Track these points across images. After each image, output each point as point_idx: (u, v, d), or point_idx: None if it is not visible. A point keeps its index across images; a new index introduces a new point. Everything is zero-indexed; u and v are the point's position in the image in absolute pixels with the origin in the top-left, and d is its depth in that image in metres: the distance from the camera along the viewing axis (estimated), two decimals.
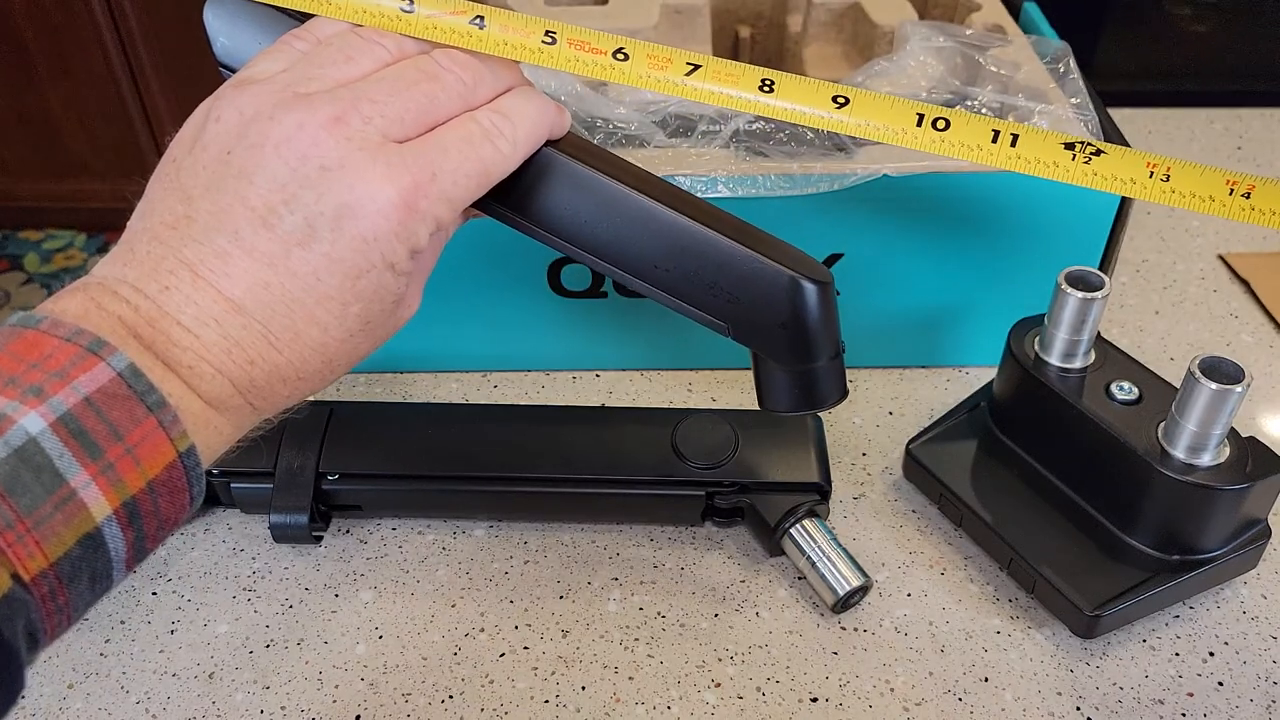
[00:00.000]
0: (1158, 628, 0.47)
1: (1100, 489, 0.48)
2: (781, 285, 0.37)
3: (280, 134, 0.30)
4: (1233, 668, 0.46)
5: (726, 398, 0.58)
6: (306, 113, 0.30)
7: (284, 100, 0.31)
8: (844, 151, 0.54)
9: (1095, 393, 0.47)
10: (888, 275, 0.56)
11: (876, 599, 0.48)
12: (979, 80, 0.58)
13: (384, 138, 0.31)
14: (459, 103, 0.33)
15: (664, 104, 0.55)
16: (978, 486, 0.50)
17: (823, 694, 0.45)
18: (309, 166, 0.30)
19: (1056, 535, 0.48)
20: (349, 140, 0.30)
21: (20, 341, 0.27)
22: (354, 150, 0.30)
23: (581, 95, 0.55)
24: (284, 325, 0.31)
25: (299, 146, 0.30)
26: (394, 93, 0.32)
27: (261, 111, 0.31)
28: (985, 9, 0.65)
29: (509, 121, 0.34)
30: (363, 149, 0.31)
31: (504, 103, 0.35)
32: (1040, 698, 0.44)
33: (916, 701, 0.44)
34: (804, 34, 0.68)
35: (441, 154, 0.32)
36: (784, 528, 0.48)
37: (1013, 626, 0.47)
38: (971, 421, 0.53)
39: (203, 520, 0.52)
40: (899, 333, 0.59)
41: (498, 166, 0.34)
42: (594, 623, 0.47)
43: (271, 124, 0.31)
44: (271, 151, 0.30)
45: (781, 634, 0.47)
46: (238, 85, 0.32)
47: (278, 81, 0.32)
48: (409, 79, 0.33)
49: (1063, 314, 0.47)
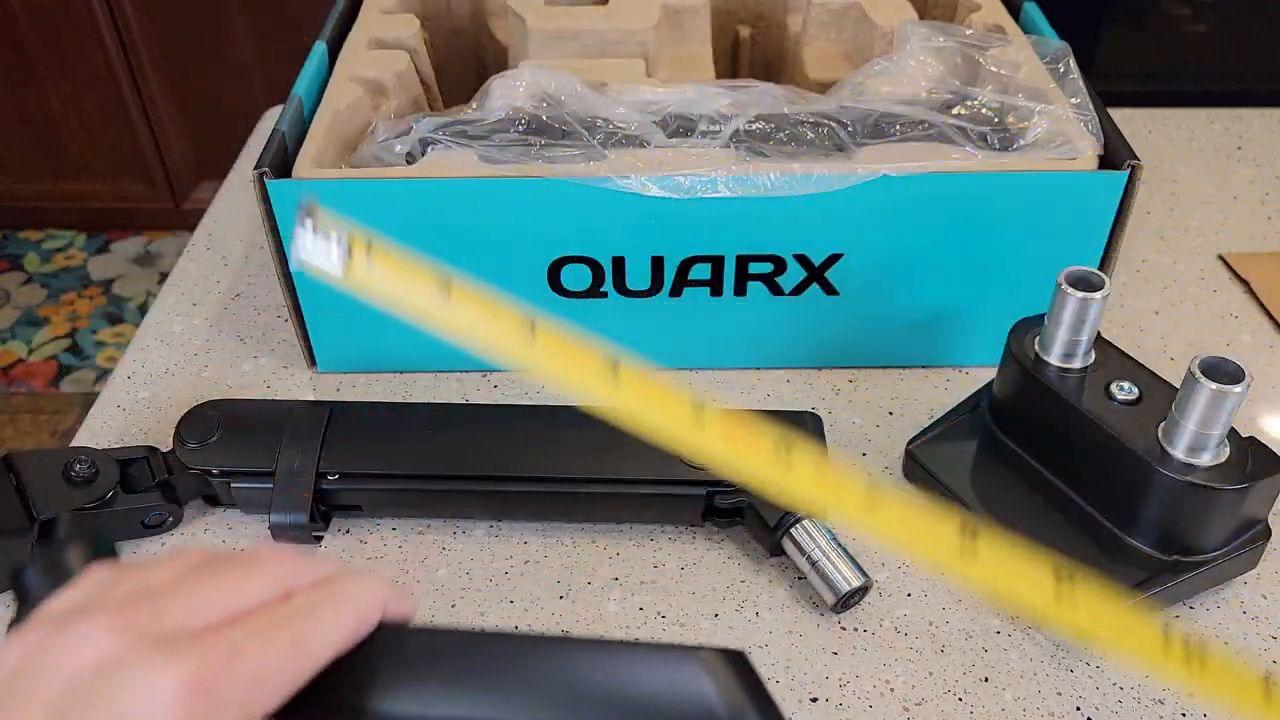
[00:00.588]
0: None
1: (1100, 489, 0.48)
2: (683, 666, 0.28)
3: (59, 650, 0.26)
4: None
5: (727, 398, 0.58)
6: (88, 624, 0.27)
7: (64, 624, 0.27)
8: (844, 151, 0.54)
9: (1095, 393, 0.47)
10: (888, 275, 0.56)
11: (876, 599, 0.48)
12: (979, 80, 0.58)
13: (175, 629, 0.27)
14: (272, 586, 0.29)
15: (664, 103, 0.55)
16: (978, 486, 0.50)
17: (823, 694, 0.45)
18: (83, 674, 0.26)
19: (1056, 535, 0.48)
20: (130, 635, 0.26)
21: None
22: (132, 644, 0.26)
23: (582, 95, 0.55)
24: None
25: (73, 657, 0.26)
26: (194, 587, 0.28)
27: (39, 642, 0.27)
28: (985, 9, 0.65)
29: (330, 598, 0.29)
30: (142, 641, 0.26)
31: (328, 583, 0.30)
32: (1040, 698, 0.44)
33: (917, 701, 0.44)
34: (803, 34, 0.68)
35: (246, 634, 0.27)
36: (784, 527, 0.48)
37: (1013, 626, 0.47)
38: (971, 422, 0.53)
39: (202, 520, 0.52)
40: (899, 333, 0.59)
41: (315, 641, 0.28)
42: (594, 623, 0.47)
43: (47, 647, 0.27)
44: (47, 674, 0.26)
45: (781, 634, 0.47)
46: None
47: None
48: (216, 573, 0.29)
49: (1063, 314, 0.47)
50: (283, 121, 0.55)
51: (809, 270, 0.55)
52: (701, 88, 0.57)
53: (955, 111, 0.56)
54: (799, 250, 0.54)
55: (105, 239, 2.03)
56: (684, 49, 0.68)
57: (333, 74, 0.61)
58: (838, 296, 0.57)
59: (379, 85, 0.61)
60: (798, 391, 0.59)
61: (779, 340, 0.59)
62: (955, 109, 0.56)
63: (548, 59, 0.63)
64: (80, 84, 1.77)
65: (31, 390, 1.74)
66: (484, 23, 0.72)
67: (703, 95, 0.56)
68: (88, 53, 1.73)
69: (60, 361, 1.78)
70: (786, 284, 0.56)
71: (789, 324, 0.58)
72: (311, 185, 0.52)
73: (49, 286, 1.93)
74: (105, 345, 1.81)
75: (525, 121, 0.55)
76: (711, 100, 0.56)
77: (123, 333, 1.83)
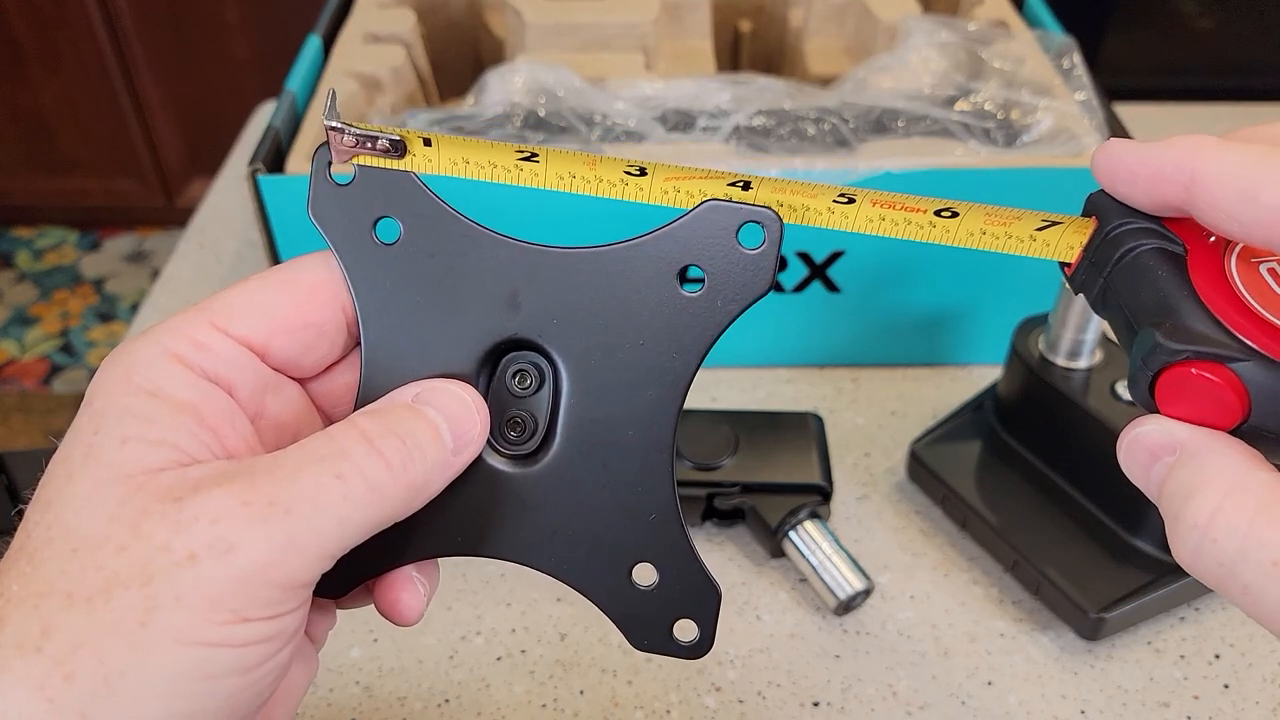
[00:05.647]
0: (1163, 630, 0.46)
1: (1105, 490, 0.47)
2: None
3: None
4: (1239, 670, 0.45)
5: (727, 398, 0.58)
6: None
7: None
8: (846, 147, 0.54)
9: (1100, 392, 0.47)
10: (890, 273, 0.55)
11: (879, 601, 0.48)
12: (982, 75, 0.58)
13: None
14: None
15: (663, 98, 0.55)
16: (982, 487, 0.49)
17: (825, 698, 0.44)
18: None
19: (1061, 537, 0.47)
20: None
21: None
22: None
23: (581, 90, 0.54)
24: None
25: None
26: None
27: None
28: (989, 3, 0.65)
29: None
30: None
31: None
32: (1044, 701, 0.44)
33: (920, 705, 0.44)
34: (805, 28, 0.68)
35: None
36: (785, 529, 0.47)
37: (1017, 629, 0.46)
38: (975, 422, 0.53)
39: None
40: (902, 331, 0.58)
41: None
42: (592, 626, 0.47)
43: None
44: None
45: (783, 637, 0.46)
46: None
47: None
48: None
49: (1068, 313, 0.47)
50: (276, 117, 0.54)
51: (811, 267, 0.55)
52: (701, 82, 0.56)
53: (958, 107, 0.55)
54: (800, 247, 0.54)
55: (97, 236, 2.02)
56: (684, 43, 0.67)
57: (327, 69, 0.60)
58: (840, 294, 0.56)
59: (374, 80, 0.60)
60: (799, 391, 0.59)
61: (780, 338, 0.58)
62: (959, 104, 0.55)
63: (545, 53, 0.62)
64: (72, 80, 1.76)
65: (23, 389, 1.73)
66: (481, 16, 0.72)
67: (703, 90, 0.56)
68: (80, 48, 1.71)
69: (52, 360, 1.77)
70: (788, 281, 0.55)
71: (790, 322, 0.57)
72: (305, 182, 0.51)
73: (41, 284, 1.92)
74: (97, 344, 1.80)
75: (522, 116, 0.55)
76: (712, 95, 0.55)
77: (115, 331, 1.82)
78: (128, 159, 1.86)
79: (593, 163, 0.26)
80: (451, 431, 0.26)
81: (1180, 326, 0.22)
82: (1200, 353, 0.21)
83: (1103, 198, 0.25)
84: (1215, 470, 0.21)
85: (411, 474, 0.24)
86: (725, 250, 0.26)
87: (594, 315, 0.27)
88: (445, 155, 0.27)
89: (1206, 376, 0.21)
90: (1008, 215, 0.26)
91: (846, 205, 0.26)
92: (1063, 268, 0.26)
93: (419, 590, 0.28)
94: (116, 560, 0.21)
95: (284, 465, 0.23)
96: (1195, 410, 0.22)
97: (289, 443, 0.24)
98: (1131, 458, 0.23)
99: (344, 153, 0.26)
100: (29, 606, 0.21)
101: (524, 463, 0.28)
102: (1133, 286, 0.23)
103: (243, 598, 0.22)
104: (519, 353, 0.27)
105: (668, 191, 0.26)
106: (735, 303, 0.27)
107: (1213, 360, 0.21)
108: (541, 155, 0.26)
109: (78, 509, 0.22)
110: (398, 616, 0.28)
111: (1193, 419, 0.22)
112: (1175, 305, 0.22)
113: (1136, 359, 0.22)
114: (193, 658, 0.21)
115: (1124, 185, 0.24)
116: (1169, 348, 0.22)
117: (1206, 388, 0.21)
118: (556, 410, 0.27)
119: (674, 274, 0.26)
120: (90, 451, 0.23)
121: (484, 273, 0.27)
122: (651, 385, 0.27)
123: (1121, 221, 0.24)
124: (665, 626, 0.28)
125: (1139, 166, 0.23)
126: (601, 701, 0.44)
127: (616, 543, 0.28)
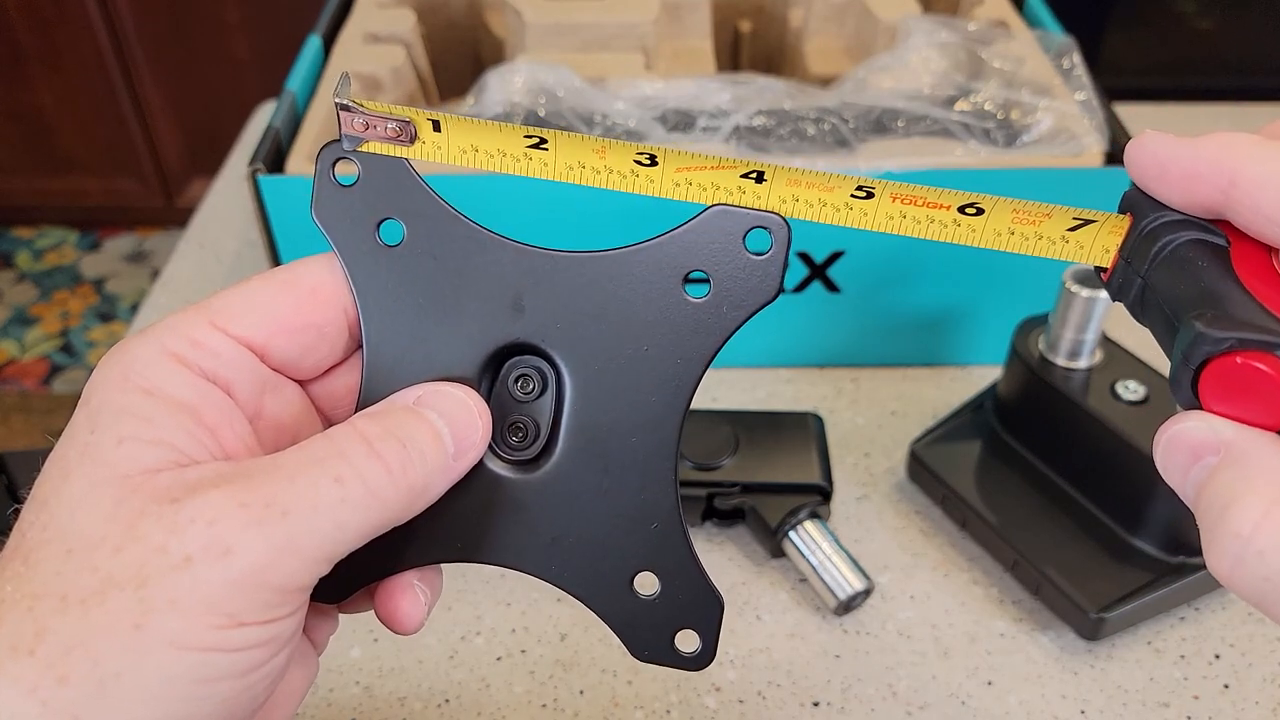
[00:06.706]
0: (1163, 630, 0.46)
1: (1106, 490, 0.47)
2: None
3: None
4: (1239, 670, 0.45)
5: (727, 398, 0.58)
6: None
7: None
8: (846, 147, 0.54)
9: (1101, 393, 0.47)
10: (890, 273, 0.55)
11: (879, 601, 0.48)
12: (982, 75, 0.58)
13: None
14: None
15: (663, 98, 0.54)
16: (982, 487, 0.49)
17: (825, 698, 0.44)
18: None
19: (1061, 537, 0.47)
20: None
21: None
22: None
23: (581, 90, 0.54)
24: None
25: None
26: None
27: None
28: (989, 3, 0.65)
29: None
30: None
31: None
32: (1044, 701, 0.44)
33: (920, 705, 0.44)
34: (805, 28, 0.68)
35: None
36: (785, 529, 0.47)
37: (1017, 629, 0.46)
38: (975, 422, 0.53)
39: None
40: (902, 331, 0.58)
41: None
42: (592, 626, 0.47)
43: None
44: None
45: (783, 637, 0.46)
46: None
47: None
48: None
49: (1068, 313, 0.47)
50: (276, 117, 0.54)
51: (811, 267, 0.55)
52: (701, 82, 0.56)
53: (958, 107, 0.55)
54: (800, 247, 0.54)
55: (97, 236, 2.02)
56: (684, 43, 0.67)
57: (327, 69, 0.60)
58: (840, 294, 0.56)
59: (374, 80, 0.60)
60: (799, 391, 0.59)
61: (780, 339, 0.58)
62: (959, 104, 0.55)
63: (545, 53, 0.62)
64: (72, 79, 1.76)
65: (23, 389, 1.73)
66: (481, 16, 0.72)
67: (703, 90, 0.55)
68: (80, 48, 1.71)
69: (52, 360, 1.77)
70: (788, 281, 0.55)
71: (790, 322, 0.57)
72: (306, 182, 0.51)
73: (41, 285, 1.92)
74: (97, 344, 1.80)
75: (522, 116, 0.55)
76: (712, 95, 0.55)
77: (115, 331, 1.82)
78: (128, 159, 1.86)
79: (602, 150, 0.26)
80: (453, 435, 0.25)
81: (1224, 315, 0.20)
82: (1247, 340, 0.19)
83: (1138, 193, 0.23)
84: (1262, 475, 0.19)
85: (411, 478, 0.24)
86: (732, 255, 0.26)
87: (598, 320, 0.26)
88: (454, 140, 0.26)
89: (1256, 366, 0.19)
90: (1037, 212, 0.24)
91: (865, 201, 0.25)
92: (1099, 273, 0.24)
93: (419, 599, 0.28)
94: (112, 562, 0.21)
95: (282, 467, 0.23)
96: (1244, 406, 0.20)
97: (288, 444, 0.24)
98: (1169, 457, 0.21)
99: (353, 134, 0.26)
100: (23, 608, 0.21)
101: (525, 468, 0.27)
102: (1172, 281, 0.21)
103: (238, 601, 0.21)
104: (522, 357, 0.27)
105: (679, 184, 0.26)
106: (741, 309, 0.26)
107: (1262, 349, 0.19)
108: (550, 140, 0.26)
109: (73, 509, 0.22)
110: (397, 625, 0.28)
111: (1240, 417, 0.20)
112: (1220, 295, 0.20)
113: (1178, 354, 0.20)
114: (187, 661, 0.21)
115: (1155, 182, 0.22)
116: (1212, 336, 0.19)
117: (1256, 379, 0.19)
118: (559, 416, 0.27)
119: (679, 279, 0.26)
120: (86, 451, 0.23)
121: (488, 276, 0.26)
122: (655, 391, 0.27)
123: (1158, 215, 0.22)
124: (666, 637, 0.28)
125: (1171, 163, 0.22)
126: (601, 701, 0.44)
127: (618, 551, 0.27)
